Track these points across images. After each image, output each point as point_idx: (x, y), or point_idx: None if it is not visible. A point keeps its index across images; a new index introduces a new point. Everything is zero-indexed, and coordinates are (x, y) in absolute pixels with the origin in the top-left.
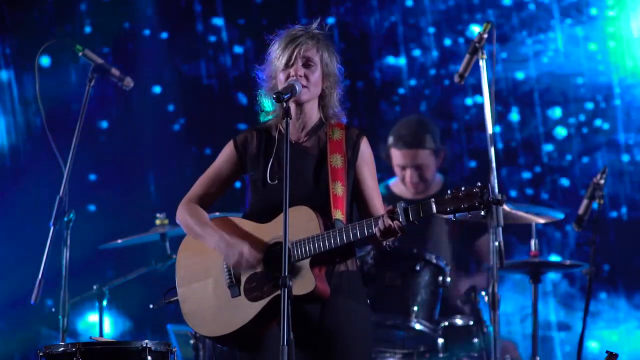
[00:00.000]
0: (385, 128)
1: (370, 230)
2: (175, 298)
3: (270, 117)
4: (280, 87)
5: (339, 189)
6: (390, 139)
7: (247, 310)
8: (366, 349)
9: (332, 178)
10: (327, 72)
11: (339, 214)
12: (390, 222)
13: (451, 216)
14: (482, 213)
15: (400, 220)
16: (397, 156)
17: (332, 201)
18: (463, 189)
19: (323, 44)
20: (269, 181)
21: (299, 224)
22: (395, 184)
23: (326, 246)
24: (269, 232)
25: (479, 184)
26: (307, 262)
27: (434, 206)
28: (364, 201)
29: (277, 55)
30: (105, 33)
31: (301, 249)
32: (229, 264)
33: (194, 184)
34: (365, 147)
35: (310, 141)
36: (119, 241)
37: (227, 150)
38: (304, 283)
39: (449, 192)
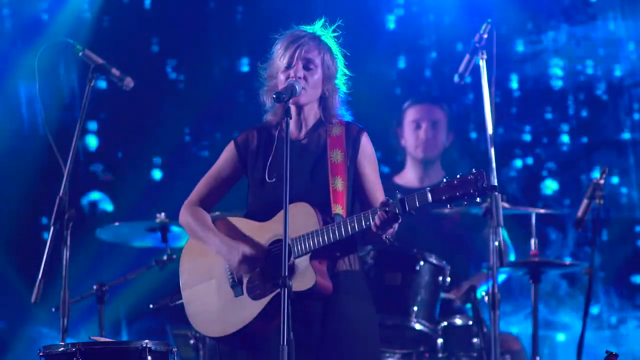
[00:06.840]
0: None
1: (367, 223)
2: (181, 301)
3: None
4: (280, 87)
5: (339, 184)
6: (406, 103)
7: (250, 308)
8: (373, 349)
9: (332, 173)
10: (328, 74)
11: (339, 209)
12: (386, 214)
13: (447, 205)
14: (478, 200)
15: (397, 211)
16: (412, 113)
17: (332, 196)
18: (458, 176)
19: (325, 45)
20: (267, 179)
21: (298, 220)
22: (399, 177)
23: (325, 241)
24: (268, 230)
25: (473, 170)
26: (307, 258)
27: (429, 194)
28: (366, 196)
29: (279, 55)
30: None
31: (301, 246)
32: (231, 267)
33: (196, 185)
34: (366, 143)
35: (309, 139)
36: (119, 241)
37: (228, 150)
38: (305, 279)
39: (444, 180)
